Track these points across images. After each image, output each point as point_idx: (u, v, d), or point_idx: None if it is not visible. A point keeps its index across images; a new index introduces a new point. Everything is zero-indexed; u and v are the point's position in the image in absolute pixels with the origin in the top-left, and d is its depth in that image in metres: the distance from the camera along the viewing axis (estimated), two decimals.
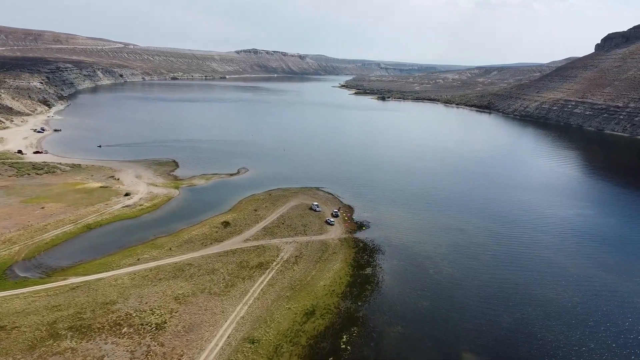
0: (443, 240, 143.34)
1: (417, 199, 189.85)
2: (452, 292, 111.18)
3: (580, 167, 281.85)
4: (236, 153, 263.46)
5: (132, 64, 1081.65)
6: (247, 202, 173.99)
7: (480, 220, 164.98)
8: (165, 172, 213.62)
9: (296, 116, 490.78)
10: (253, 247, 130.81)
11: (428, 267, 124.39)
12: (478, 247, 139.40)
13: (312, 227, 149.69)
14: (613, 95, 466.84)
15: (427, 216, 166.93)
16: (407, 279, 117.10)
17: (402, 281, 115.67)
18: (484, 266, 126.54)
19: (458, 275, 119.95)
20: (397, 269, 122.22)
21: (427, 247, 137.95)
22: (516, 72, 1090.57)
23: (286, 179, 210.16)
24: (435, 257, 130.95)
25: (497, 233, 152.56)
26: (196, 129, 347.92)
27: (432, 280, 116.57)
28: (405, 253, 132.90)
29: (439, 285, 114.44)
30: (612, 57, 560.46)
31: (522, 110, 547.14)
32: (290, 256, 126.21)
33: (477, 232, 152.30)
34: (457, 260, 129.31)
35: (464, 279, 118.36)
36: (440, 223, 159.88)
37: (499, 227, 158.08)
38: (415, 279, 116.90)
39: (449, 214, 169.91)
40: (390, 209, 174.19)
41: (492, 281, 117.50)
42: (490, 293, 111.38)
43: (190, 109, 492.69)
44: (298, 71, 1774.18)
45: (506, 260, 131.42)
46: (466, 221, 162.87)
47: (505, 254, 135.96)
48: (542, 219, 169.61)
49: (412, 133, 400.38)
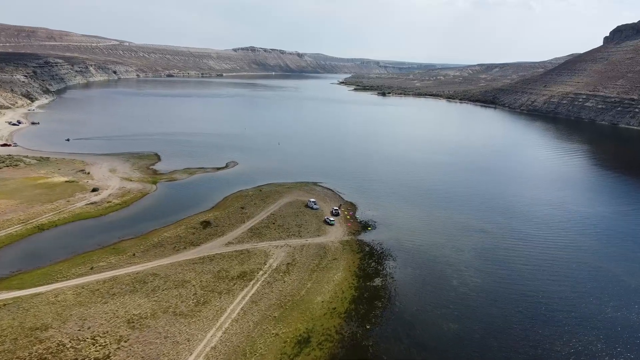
0: (464, 244, 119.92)
1: (429, 195, 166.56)
2: (484, 309, 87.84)
3: (606, 163, 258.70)
4: (227, 146, 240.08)
5: (126, 61, 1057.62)
6: (233, 198, 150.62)
7: (504, 219, 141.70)
8: (144, 165, 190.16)
9: (294, 111, 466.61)
10: (236, 252, 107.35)
11: (450, 276, 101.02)
12: (507, 252, 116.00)
13: (308, 228, 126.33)
14: (627, 88, 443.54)
15: (442, 215, 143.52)
16: (426, 292, 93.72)
17: (421, 296, 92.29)
18: (518, 275, 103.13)
19: (489, 288, 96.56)
20: (413, 280, 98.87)
21: (446, 251, 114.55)
22: (518, 68, 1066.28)
23: (280, 174, 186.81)
24: (457, 264, 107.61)
25: (526, 235, 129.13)
26: (186, 123, 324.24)
27: (458, 295, 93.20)
28: (421, 259, 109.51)
29: (467, 300, 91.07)
30: (623, 49, 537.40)
31: (529, 105, 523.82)
32: (280, 263, 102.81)
33: (502, 234, 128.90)
34: (485, 268, 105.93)
35: (497, 292, 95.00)
36: (458, 223, 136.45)
37: (527, 228, 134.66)
38: (436, 293, 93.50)
39: (468, 213, 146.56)
40: (399, 206, 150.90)
41: (532, 295, 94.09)
42: (533, 311, 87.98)
43: (182, 103, 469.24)
44: (296, 69, 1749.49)
45: (544, 267, 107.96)
46: (488, 221, 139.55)
47: (541, 259, 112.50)
48: (576, 219, 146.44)
49: (417, 127, 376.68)
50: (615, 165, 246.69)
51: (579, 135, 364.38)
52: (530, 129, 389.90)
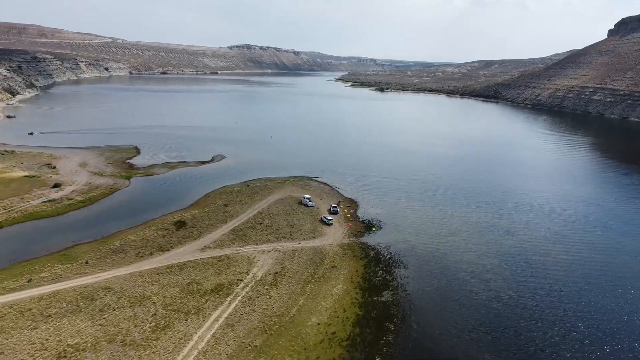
0: (488, 247, 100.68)
1: (440, 190, 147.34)
2: (526, 333, 68.61)
3: (629, 158, 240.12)
4: (215, 140, 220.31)
5: (119, 58, 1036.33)
6: (216, 195, 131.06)
7: (530, 217, 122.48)
8: (120, 159, 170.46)
9: (289, 105, 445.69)
10: (212, 259, 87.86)
11: (477, 288, 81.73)
12: (541, 257, 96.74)
13: (301, 229, 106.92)
14: (636, 80, 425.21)
15: (457, 213, 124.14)
16: (449, 310, 74.42)
17: (443, 314, 73.01)
18: (559, 286, 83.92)
19: (527, 303, 77.29)
20: (431, 293, 79.57)
21: (468, 256, 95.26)
22: (518, 64, 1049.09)
23: (271, 168, 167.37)
24: (483, 272, 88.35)
25: (560, 236, 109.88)
26: (174, 116, 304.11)
27: (489, 312, 73.94)
28: (439, 267, 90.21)
29: (502, 320, 71.82)
30: (630, 42, 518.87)
31: (533, 99, 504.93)
32: (266, 273, 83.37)
33: (531, 235, 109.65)
34: (517, 278, 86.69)
35: (538, 308, 75.78)
36: (478, 222, 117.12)
37: (559, 228, 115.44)
38: (462, 311, 74.18)
39: (487, 210, 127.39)
40: (407, 203, 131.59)
41: (585, 313, 74.94)
42: (591, 335, 68.82)
43: (173, 98, 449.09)
44: (292, 67, 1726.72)
45: (589, 276, 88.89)
46: (512, 219, 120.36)
47: (583, 265, 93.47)
48: (611, 216, 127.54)
49: (419, 121, 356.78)
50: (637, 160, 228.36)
51: (589, 129, 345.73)
52: (538, 123, 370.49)
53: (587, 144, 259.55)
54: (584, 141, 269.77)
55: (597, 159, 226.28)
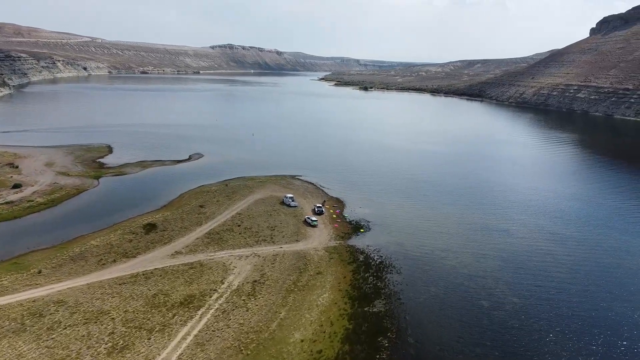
0: (486, 249, 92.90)
1: (432, 189, 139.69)
2: (537, 346, 60.72)
3: (622, 155, 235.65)
4: (194, 138, 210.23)
5: (99, 58, 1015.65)
6: (191, 195, 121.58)
7: (527, 216, 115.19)
8: (90, 158, 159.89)
9: (272, 104, 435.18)
10: (183, 266, 78.62)
11: (477, 295, 73.77)
12: (542, 259, 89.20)
13: (283, 231, 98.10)
14: (620, 78, 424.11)
15: (451, 212, 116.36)
16: (449, 320, 66.27)
17: (442, 326, 64.83)
18: (568, 292, 76.29)
19: (533, 311, 69.48)
20: (428, 302, 71.38)
21: (465, 259, 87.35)
22: (500, 63, 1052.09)
23: (252, 167, 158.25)
24: (482, 276, 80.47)
25: (560, 235, 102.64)
26: (152, 115, 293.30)
27: (493, 322, 65.96)
28: (434, 271, 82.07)
29: (508, 331, 63.89)
30: (612, 40, 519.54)
31: (518, 97, 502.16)
32: (244, 281, 74.41)
33: (531, 235, 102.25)
34: (519, 281, 78.96)
35: (548, 318, 67.96)
36: (473, 222, 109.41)
37: (559, 227, 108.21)
38: (463, 321, 66.08)
39: (483, 209, 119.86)
40: (398, 202, 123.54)
41: (600, 321, 67.41)
42: (610, 345, 61.27)
43: (152, 97, 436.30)
44: (275, 67, 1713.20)
45: (596, 277, 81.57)
46: (509, 218, 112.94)
47: (589, 267, 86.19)
48: (612, 215, 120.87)
49: (406, 119, 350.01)
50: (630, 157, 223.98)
51: (577, 126, 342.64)
52: (524, 120, 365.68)
53: (577, 142, 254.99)
54: (573, 138, 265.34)
55: (590, 156, 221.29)
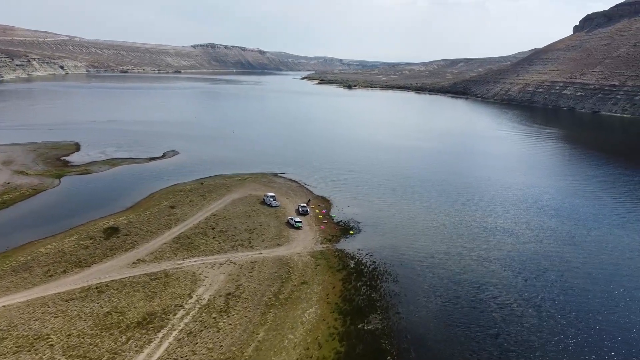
0: (490, 252, 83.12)
1: (425, 186, 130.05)
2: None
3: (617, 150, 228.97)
4: (171, 135, 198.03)
5: (77, 57, 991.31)
6: (162, 195, 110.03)
7: (531, 215, 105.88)
8: (54, 156, 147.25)
9: (255, 102, 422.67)
10: (146, 277, 67.38)
11: (487, 306, 63.86)
12: (555, 263, 79.72)
13: (263, 234, 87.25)
14: (606, 74, 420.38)
15: (448, 211, 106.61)
16: (458, 339, 56.12)
17: (451, 347, 54.59)
18: (589, 302, 66.87)
19: (556, 327, 59.70)
20: (432, 316, 61.20)
21: (469, 264, 77.48)
22: (484, 62, 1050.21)
23: (231, 164, 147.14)
24: (490, 284, 70.64)
25: (569, 236, 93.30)
26: (129, 111, 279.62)
27: (510, 340, 56.02)
28: (435, 278, 71.99)
29: (529, 353, 53.98)
30: (597, 37, 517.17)
31: (503, 94, 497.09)
32: (215, 294, 63.49)
33: (537, 236, 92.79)
34: (532, 290, 69.33)
35: (573, 334, 58.28)
36: (473, 222, 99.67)
37: (567, 227, 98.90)
38: (474, 339, 56.01)
39: (482, 208, 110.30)
40: (390, 201, 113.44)
41: (635, 339, 57.97)
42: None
43: (130, 95, 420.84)
44: (258, 66, 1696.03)
45: (623, 288, 72.22)
46: (513, 218, 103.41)
47: (610, 274, 76.89)
48: (623, 213, 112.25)
49: (392, 115, 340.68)
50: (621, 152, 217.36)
51: (567, 123, 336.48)
52: (512, 117, 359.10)
53: (568, 138, 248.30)
54: (564, 135, 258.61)
55: (586, 153, 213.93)
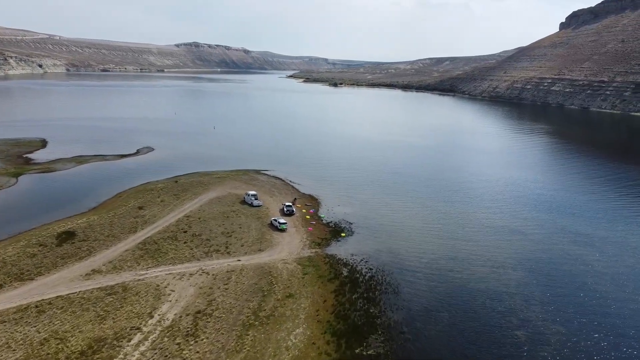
0: (501, 255, 73.12)
1: (421, 183, 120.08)
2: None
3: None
4: (148, 132, 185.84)
5: (57, 55, 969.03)
6: (130, 194, 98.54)
7: (540, 213, 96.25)
8: (16, 154, 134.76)
9: (239, 99, 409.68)
10: (99, 292, 56.07)
11: (508, 323, 53.74)
12: (576, 268, 70.05)
13: (243, 237, 76.29)
14: (595, 70, 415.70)
15: (449, 210, 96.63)
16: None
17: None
18: (622, 315, 57.20)
19: (595, 349, 49.84)
20: (445, 337, 50.79)
21: (479, 270, 67.39)
22: (469, 60, 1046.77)
23: (211, 161, 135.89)
24: (507, 293, 60.60)
25: (587, 237, 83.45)
26: (105, 108, 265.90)
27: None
28: (443, 288, 61.73)
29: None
30: (584, 33, 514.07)
31: (491, 91, 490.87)
32: (182, 313, 52.41)
33: (551, 237, 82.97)
34: (557, 301, 59.43)
35: (615, 358, 48.49)
36: (477, 222, 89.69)
37: (583, 226, 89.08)
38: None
39: (485, 206, 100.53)
40: (382, 198, 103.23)
41: None
42: None
43: (108, 92, 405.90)
44: (242, 65, 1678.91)
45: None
46: (519, 216, 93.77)
47: (637, 278, 67.41)
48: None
49: (381, 112, 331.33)
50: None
51: (556, 120, 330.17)
52: (503, 114, 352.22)
53: (565, 134, 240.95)
54: (557, 131, 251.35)
55: (585, 149, 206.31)
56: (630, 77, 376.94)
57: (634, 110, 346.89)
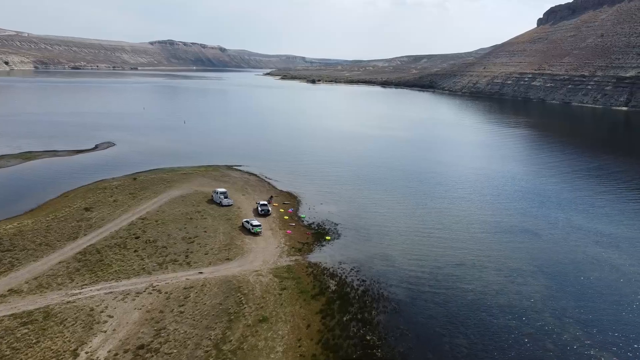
0: (516, 261, 61.64)
1: (414, 178, 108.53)
2: None
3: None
4: (110, 126, 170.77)
5: (25, 53, 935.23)
6: (79, 194, 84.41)
7: (550, 211, 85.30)
8: None
9: (214, 95, 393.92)
10: (12, 321, 42.40)
11: (542, 350, 42.13)
12: (607, 276, 58.99)
13: (208, 244, 63.22)
14: (575, 65, 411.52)
15: (447, 208, 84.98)
16: None
17: None
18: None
19: None
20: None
21: (494, 281, 55.71)
22: (446, 58, 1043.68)
23: (178, 156, 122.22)
24: (534, 310, 48.98)
25: (608, 237, 72.58)
26: (67, 104, 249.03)
27: None
28: (455, 305, 49.77)
29: None
30: (562, 28, 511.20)
31: (471, 87, 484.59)
32: (118, 349, 39.22)
33: (569, 238, 71.77)
34: (598, 321, 48.13)
35: None
36: (481, 221, 78.25)
37: (601, 225, 78.16)
38: None
39: (488, 203, 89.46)
40: (371, 195, 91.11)
41: None
42: None
43: (74, 88, 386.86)
44: (218, 64, 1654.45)
45: None
46: (527, 214, 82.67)
47: None
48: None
49: (362, 107, 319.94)
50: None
51: (544, 114, 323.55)
52: (485, 108, 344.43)
53: (555, 129, 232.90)
54: (543, 124, 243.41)
55: (580, 144, 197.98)
56: (611, 72, 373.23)
57: (616, 104, 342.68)
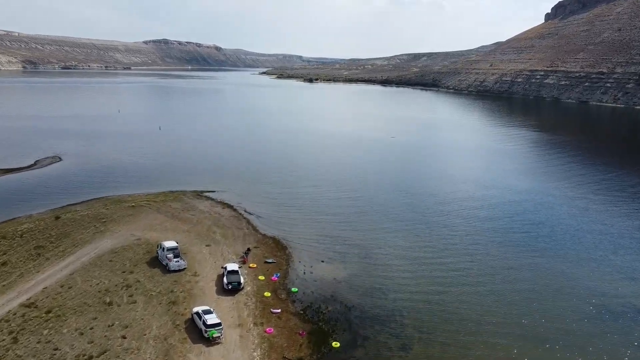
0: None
1: (453, 210, 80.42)
2: None
3: None
4: (67, 133, 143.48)
5: (14, 52, 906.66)
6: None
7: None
8: None
9: (205, 96, 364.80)
10: None
11: None
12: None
13: (133, 353, 35.54)
14: (591, 61, 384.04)
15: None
16: None
17: None
18: None
19: None
20: None
21: None
22: (447, 56, 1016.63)
23: (137, 176, 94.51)
24: None
25: None
26: (26, 105, 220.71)
27: None
28: None
29: None
30: (574, 23, 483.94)
31: (478, 85, 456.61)
32: None
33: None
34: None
35: None
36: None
37: None
38: None
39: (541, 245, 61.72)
40: (396, 242, 63.08)
41: None
42: None
43: (53, 89, 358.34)
44: (214, 63, 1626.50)
45: None
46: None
47: None
48: None
49: (365, 109, 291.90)
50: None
51: (560, 115, 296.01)
52: (497, 109, 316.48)
53: (574, 133, 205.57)
54: (556, 128, 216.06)
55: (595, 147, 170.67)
56: (632, 68, 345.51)
57: (639, 103, 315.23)
